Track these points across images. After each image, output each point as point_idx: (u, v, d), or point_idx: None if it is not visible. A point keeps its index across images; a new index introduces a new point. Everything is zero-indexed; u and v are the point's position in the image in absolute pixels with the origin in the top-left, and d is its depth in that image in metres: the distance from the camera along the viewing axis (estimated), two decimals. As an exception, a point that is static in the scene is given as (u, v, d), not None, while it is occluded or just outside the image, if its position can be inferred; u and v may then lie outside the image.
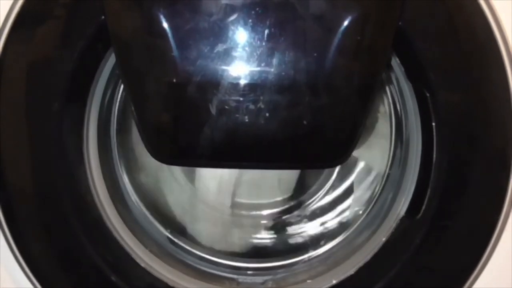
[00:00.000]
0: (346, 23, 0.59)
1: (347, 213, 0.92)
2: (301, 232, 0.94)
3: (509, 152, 0.64)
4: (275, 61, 0.60)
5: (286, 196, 0.98)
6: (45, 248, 0.67)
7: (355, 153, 0.90)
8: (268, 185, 1.00)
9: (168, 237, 0.86)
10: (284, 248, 0.92)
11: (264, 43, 0.60)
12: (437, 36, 0.63)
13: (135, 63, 0.63)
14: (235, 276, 0.82)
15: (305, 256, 0.86)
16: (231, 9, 0.59)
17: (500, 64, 0.62)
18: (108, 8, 0.61)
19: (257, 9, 0.60)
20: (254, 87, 0.61)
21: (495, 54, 0.62)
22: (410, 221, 0.69)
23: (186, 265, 0.81)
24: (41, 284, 0.67)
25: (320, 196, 0.98)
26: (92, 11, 0.61)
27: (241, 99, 0.61)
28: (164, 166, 0.94)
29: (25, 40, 0.63)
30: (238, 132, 0.63)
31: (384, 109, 0.87)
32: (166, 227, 0.87)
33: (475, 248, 0.67)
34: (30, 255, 0.67)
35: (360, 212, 0.88)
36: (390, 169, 0.85)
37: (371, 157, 0.94)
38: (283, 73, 0.61)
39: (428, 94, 0.64)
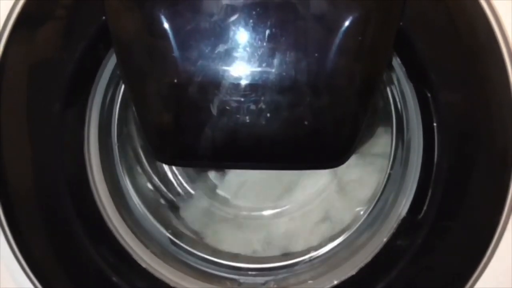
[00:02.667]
0: (347, 23, 0.59)
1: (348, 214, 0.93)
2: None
3: (510, 152, 0.64)
4: (276, 61, 0.60)
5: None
6: (46, 249, 0.67)
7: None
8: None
9: (169, 238, 0.86)
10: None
11: (265, 44, 0.60)
12: (438, 36, 0.63)
13: (136, 64, 0.63)
14: (236, 277, 0.82)
15: (306, 256, 0.86)
16: (232, 9, 0.59)
17: (501, 64, 0.62)
18: (109, 9, 0.60)
19: (258, 9, 0.60)
20: (255, 87, 0.61)
21: (496, 54, 0.62)
22: (411, 221, 0.68)
23: (188, 266, 0.81)
24: (42, 284, 0.67)
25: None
26: (93, 12, 0.61)
27: (242, 99, 0.61)
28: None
29: (26, 41, 0.63)
30: (239, 132, 0.63)
31: (385, 109, 0.87)
32: (167, 228, 0.87)
33: (476, 248, 0.67)
34: (31, 255, 0.67)
35: (361, 212, 0.88)
36: (391, 169, 0.85)
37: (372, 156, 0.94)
38: (284, 74, 0.60)
39: (429, 94, 0.64)
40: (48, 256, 0.68)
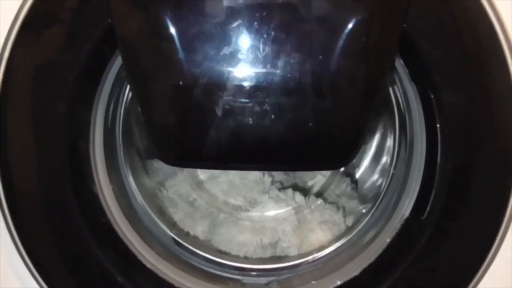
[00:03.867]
0: (350, 25, 0.59)
1: (351, 213, 0.93)
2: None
3: (513, 153, 0.64)
4: (280, 63, 0.61)
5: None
6: (51, 250, 0.68)
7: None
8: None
9: (173, 238, 0.86)
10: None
11: (269, 45, 0.60)
12: (441, 38, 0.63)
13: (141, 66, 0.63)
14: (239, 277, 0.82)
15: (310, 257, 0.86)
16: (236, 12, 0.60)
17: (504, 65, 0.62)
18: (115, 11, 0.61)
19: (262, 11, 0.60)
20: (259, 89, 0.61)
21: (499, 55, 0.62)
22: (414, 222, 0.69)
23: (191, 266, 0.82)
24: (47, 284, 0.68)
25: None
26: (99, 14, 0.62)
27: (247, 101, 0.62)
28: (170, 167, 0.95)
29: (32, 43, 0.63)
30: (243, 134, 0.63)
31: (388, 110, 0.87)
32: (171, 228, 0.87)
33: (479, 249, 0.67)
34: (36, 256, 0.67)
35: (365, 212, 0.88)
36: (394, 169, 0.85)
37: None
38: (289, 75, 0.61)
39: (432, 95, 0.64)
40: (53, 256, 0.68)
